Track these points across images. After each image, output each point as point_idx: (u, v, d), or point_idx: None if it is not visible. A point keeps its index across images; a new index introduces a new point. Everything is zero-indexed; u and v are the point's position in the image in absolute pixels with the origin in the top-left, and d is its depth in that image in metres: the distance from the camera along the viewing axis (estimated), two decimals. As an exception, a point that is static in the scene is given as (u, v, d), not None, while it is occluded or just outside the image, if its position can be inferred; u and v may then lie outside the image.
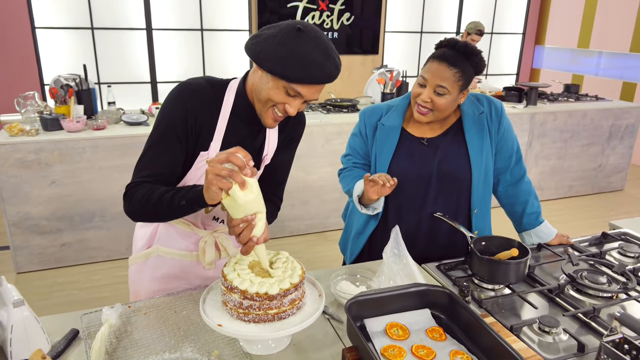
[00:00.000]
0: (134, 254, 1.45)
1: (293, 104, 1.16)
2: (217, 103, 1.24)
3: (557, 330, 1.17)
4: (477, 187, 1.58)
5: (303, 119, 1.42)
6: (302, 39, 1.09)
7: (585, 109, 4.49)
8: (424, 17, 6.51)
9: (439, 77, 1.45)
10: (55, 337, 1.16)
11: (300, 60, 1.08)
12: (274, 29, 1.13)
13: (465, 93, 1.53)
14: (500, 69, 7.27)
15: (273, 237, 3.77)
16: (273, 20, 5.70)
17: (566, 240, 1.67)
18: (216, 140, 1.24)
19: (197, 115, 1.21)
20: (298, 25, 1.11)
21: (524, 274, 1.38)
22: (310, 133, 3.60)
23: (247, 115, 1.25)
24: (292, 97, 1.15)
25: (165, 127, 1.21)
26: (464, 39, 4.91)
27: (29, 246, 3.14)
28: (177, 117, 1.20)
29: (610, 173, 4.83)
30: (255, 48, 1.12)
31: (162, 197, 1.14)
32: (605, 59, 6.20)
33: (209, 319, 1.07)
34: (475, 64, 1.48)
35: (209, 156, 1.23)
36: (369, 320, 1.13)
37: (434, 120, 1.54)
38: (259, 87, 1.18)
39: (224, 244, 1.41)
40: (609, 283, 1.38)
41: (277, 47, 1.09)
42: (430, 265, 1.53)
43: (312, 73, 1.09)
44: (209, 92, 1.24)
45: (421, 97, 1.49)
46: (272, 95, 1.15)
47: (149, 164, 1.21)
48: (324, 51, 1.11)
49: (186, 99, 1.21)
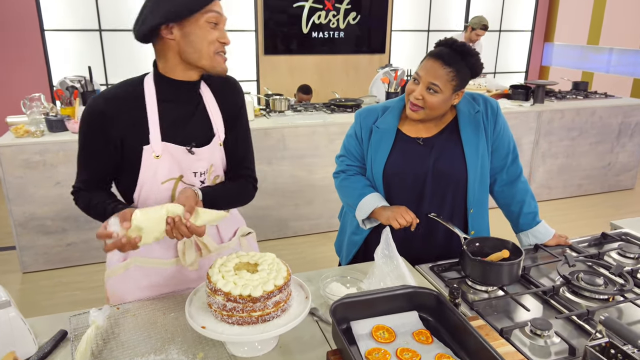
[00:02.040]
0: (111, 268, 1.41)
1: (223, 32, 1.23)
2: (138, 99, 1.25)
3: (549, 333, 1.15)
4: (472, 186, 1.56)
5: (235, 82, 1.43)
6: None
7: (594, 106, 4.42)
8: (431, 16, 6.46)
9: (432, 75, 1.44)
10: (44, 338, 1.16)
11: None
12: (146, 2, 1.19)
13: (460, 94, 1.51)
14: (508, 67, 7.19)
15: (277, 238, 3.77)
16: (279, 20, 5.70)
17: (564, 241, 1.64)
18: (153, 131, 1.24)
19: (118, 120, 1.22)
20: None
21: (517, 275, 1.35)
22: (313, 133, 3.60)
23: (175, 96, 1.27)
24: (216, 24, 1.21)
25: (87, 147, 1.26)
26: (468, 34, 4.86)
27: (34, 246, 3.17)
28: (96, 135, 1.23)
29: (619, 171, 4.75)
30: (156, 17, 1.16)
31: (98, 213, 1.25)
32: (616, 55, 6.10)
33: (194, 321, 1.07)
34: (471, 65, 1.46)
35: (154, 150, 1.24)
36: (356, 323, 1.12)
37: (425, 119, 1.53)
38: (190, 48, 1.20)
39: (204, 241, 1.39)
40: (605, 285, 1.35)
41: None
42: (424, 266, 1.51)
43: None
44: (123, 94, 1.25)
45: (413, 94, 1.48)
46: (206, 37, 1.20)
47: (82, 172, 1.30)
48: None
49: (100, 114, 1.22)
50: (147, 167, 1.25)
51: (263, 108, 3.98)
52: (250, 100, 3.62)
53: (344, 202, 1.70)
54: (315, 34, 5.94)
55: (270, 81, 5.90)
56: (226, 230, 1.47)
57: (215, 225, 1.43)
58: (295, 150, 3.59)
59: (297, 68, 6.03)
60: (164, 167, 1.26)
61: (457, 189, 1.56)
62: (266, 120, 3.67)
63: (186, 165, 1.28)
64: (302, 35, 5.89)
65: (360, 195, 1.59)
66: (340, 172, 1.71)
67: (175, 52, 1.21)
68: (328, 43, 6.05)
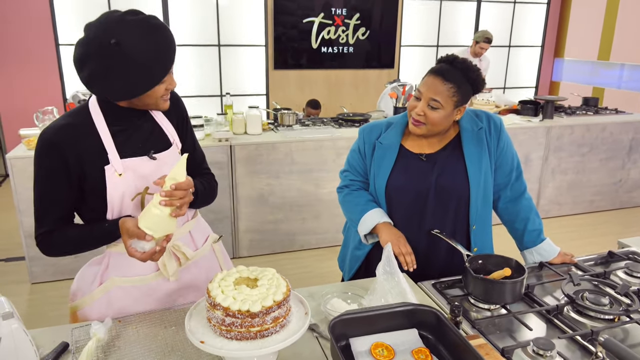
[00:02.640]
0: (86, 295, 1.39)
1: (170, 82, 1.26)
2: (88, 125, 1.26)
3: (552, 353, 1.13)
4: (475, 202, 1.55)
5: (175, 94, 1.45)
6: (129, 44, 1.12)
7: (604, 122, 4.39)
8: (440, 31, 6.50)
9: (432, 91, 1.45)
10: (46, 349, 1.17)
11: (152, 62, 1.17)
12: (95, 61, 1.14)
13: (462, 110, 1.52)
14: (518, 82, 7.19)
15: (284, 251, 3.77)
16: (289, 35, 5.77)
17: (569, 259, 1.63)
18: (111, 152, 1.26)
19: (74, 147, 1.22)
20: (107, 41, 1.12)
21: (520, 293, 1.34)
22: (321, 147, 3.61)
23: (123, 117, 1.29)
24: (164, 82, 1.24)
25: (47, 178, 1.25)
26: (473, 48, 4.90)
27: (43, 257, 3.14)
28: (54, 163, 1.22)
29: (631, 188, 4.69)
30: (109, 93, 1.20)
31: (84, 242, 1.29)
32: (627, 71, 6.07)
33: (193, 335, 1.07)
34: (472, 81, 1.47)
35: (115, 168, 1.26)
36: (355, 340, 1.11)
37: (428, 134, 1.53)
38: (139, 103, 1.25)
39: (181, 250, 1.40)
40: (611, 305, 1.33)
41: (128, 78, 1.16)
42: (427, 283, 1.50)
43: (166, 57, 1.19)
44: (73, 122, 1.25)
45: (415, 110, 1.50)
46: (156, 95, 1.24)
47: (45, 212, 1.28)
48: (149, 29, 1.15)
49: (55, 142, 1.21)
50: (112, 187, 1.26)
51: (271, 122, 4.01)
52: (258, 114, 3.66)
53: (347, 216, 1.71)
54: (325, 49, 6.01)
55: (279, 95, 5.96)
56: (198, 237, 1.50)
57: (189, 233, 1.46)
58: (303, 165, 3.61)
59: (307, 83, 6.08)
60: (129, 184, 1.27)
61: (460, 205, 1.56)
62: (274, 134, 3.69)
63: (151, 175, 1.29)
64: (311, 50, 5.96)
65: (363, 210, 1.59)
66: (344, 187, 1.71)
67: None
68: (337, 58, 6.10)
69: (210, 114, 3.90)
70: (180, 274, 1.43)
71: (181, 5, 5.39)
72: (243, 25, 5.66)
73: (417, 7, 6.31)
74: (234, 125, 3.63)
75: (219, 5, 5.52)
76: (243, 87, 5.92)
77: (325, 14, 5.86)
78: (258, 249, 3.70)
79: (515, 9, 6.75)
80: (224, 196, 3.47)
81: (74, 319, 1.42)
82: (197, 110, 4.28)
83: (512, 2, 6.70)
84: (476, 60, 5.00)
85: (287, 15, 5.73)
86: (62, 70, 5.23)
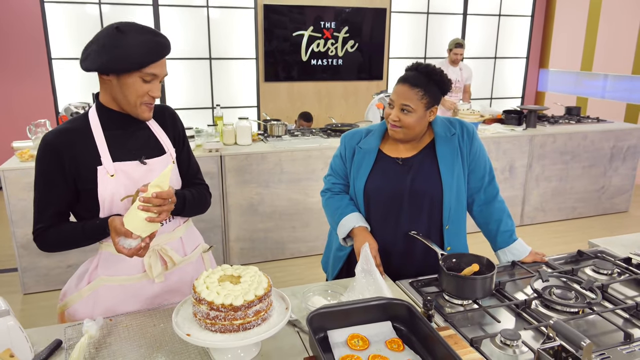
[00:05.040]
0: (73, 294, 1.47)
1: (155, 88, 1.34)
2: (86, 131, 1.37)
3: (518, 343, 1.21)
4: (448, 203, 1.64)
5: (172, 110, 1.55)
6: (127, 33, 1.27)
7: (586, 130, 4.51)
8: (427, 43, 6.65)
9: (403, 97, 1.57)
10: (40, 347, 1.23)
11: (139, 48, 1.26)
12: (96, 42, 1.29)
13: (434, 110, 1.62)
14: (505, 93, 7.34)
15: (274, 260, 3.83)
16: (280, 48, 5.90)
17: (540, 258, 1.71)
18: (104, 155, 1.35)
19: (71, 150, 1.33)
20: (115, 26, 1.28)
21: (490, 289, 1.42)
22: (309, 157, 3.70)
23: (118, 123, 1.39)
24: (149, 82, 1.32)
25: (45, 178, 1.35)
26: (449, 57, 5.13)
27: (36, 267, 3.25)
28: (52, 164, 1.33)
29: (613, 195, 4.81)
30: (96, 62, 1.28)
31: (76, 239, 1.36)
32: (610, 81, 6.23)
33: (179, 329, 1.14)
34: (437, 82, 1.59)
35: (107, 170, 1.35)
36: (332, 332, 1.18)
37: (405, 138, 1.64)
38: (120, 94, 1.33)
39: (168, 254, 1.48)
40: (576, 299, 1.41)
41: (114, 51, 1.26)
42: (405, 282, 1.58)
43: (154, 50, 1.28)
44: (72, 127, 1.36)
45: (390, 117, 1.61)
46: (136, 91, 1.31)
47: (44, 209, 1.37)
48: (149, 32, 1.30)
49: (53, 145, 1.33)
50: (104, 187, 1.35)
51: (261, 133, 4.10)
52: (248, 125, 3.74)
53: (328, 219, 1.79)
54: (315, 62, 6.12)
55: (270, 107, 6.06)
56: (189, 244, 1.58)
57: (179, 239, 1.53)
58: (292, 174, 3.69)
59: (297, 95, 6.19)
60: (120, 185, 1.36)
61: (433, 206, 1.65)
62: (264, 144, 3.77)
63: (141, 179, 1.38)
64: (301, 63, 6.07)
65: (342, 214, 1.69)
66: (327, 190, 1.82)
67: (110, 90, 1.35)
68: (327, 70, 6.22)
69: (202, 126, 3.98)
70: (167, 277, 1.50)
71: (173, 19, 5.50)
72: (234, 38, 5.77)
73: (405, 20, 6.46)
74: (224, 136, 3.71)
75: (210, 19, 5.63)
76: (234, 99, 6.01)
77: (315, 27, 5.99)
78: (249, 258, 3.76)
79: (500, 21, 6.93)
80: (215, 205, 3.53)
81: (61, 319, 1.50)
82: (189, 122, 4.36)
83: (497, 15, 6.88)
84: (456, 69, 5.15)
85: (278, 29, 5.85)
86: (54, 84, 5.30)
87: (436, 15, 6.58)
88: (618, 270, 1.65)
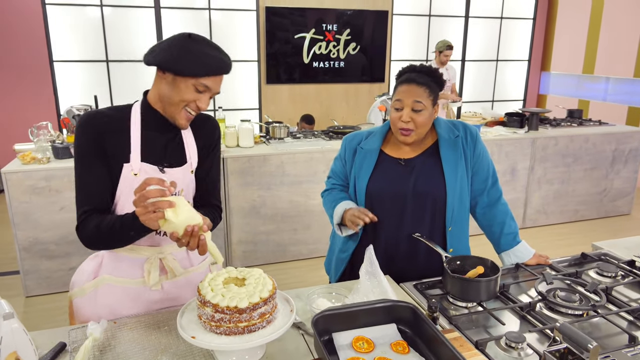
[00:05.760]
0: (79, 287, 1.48)
1: (203, 99, 1.33)
2: (124, 122, 1.37)
3: (523, 345, 1.20)
4: (451, 205, 1.64)
5: (215, 123, 1.55)
6: (197, 42, 1.31)
7: (587, 133, 4.51)
8: (429, 46, 6.65)
9: (413, 95, 1.57)
10: (44, 350, 1.23)
11: (199, 55, 1.28)
12: (165, 42, 1.32)
13: (437, 108, 1.64)
14: (507, 95, 7.34)
15: (276, 262, 3.83)
16: (282, 50, 5.91)
17: (544, 260, 1.71)
18: (134, 152, 1.35)
19: (107, 135, 1.33)
20: (188, 33, 1.31)
21: (494, 291, 1.42)
22: (311, 159, 3.70)
23: (157, 124, 1.39)
24: (201, 92, 1.32)
25: (81, 157, 1.34)
26: (438, 58, 5.10)
27: (38, 270, 3.24)
28: (89, 143, 1.32)
29: (615, 197, 4.80)
30: (157, 57, 1.28)
31: (111, 228, 1.28)
32: (612, 84, 6.23)
33: (184, 332, 1.13)
34: (436, 79, 1.61)
35: (132, 168, 1.34)
36: (337, 334, 1.18)
37: (417, 139, 1.64)
38: (168, 93, 1.32)
39: (170, 265, 1.47)
40: (580, 301, 1.41)
41: (176, 50, 1.27)
42: (409, 284, 1.57)
43: (216, 65, 1.30)
44: (113, 115, 1.36)
45: (402, 119, 1.59)
46: (184, 95, 1.31)
47: (86, 198, 1.34)
48: (215, 47, 1.33)
49: (92, 125, 1.33)
50: (125, 184, 1.35)
51: (263, 135, 4.10)
52: (250, 128, 3.74)
53: (327, 213, 1.79)
54: (316, 64, 6.13)
55: (272, 109, 6.06)
56: (196, 256, 1.57)
57: (185, 251, 1.52)
58: (294, 177, 3.69)
59: (299, 97, 6.20)
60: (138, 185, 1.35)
61: (436, 208, 1.64)
62: (266, 147, 3.78)
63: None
64: (303, 65, 6.08)
65: (337, 204, 1.71)
66: (327, 191, 1.82)
67: (161, 88, 1.34)
68: (329, 72, 6.23)
69: (203, 128, 3.98)
70: (168, 286, 1.49)
71: (174, 21, 5.51)
72: (237, 41, 5.78)
73: (407, 22, 6.47)
74: (227, 138, 3.71)
75: (212, 21, 5.64)
76: (236, 101, 6.02)
77: (317, 29, 6.00)
78: (251, 260, 3.76)
79: (502, 24, 6.93)
80: (217, 208, 3.53)
81: (70, 307, 1.53)
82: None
83: (499, 18, 6.89)
84: (442, 69, 5.16)
85: (280, 31, 5.86)
86: (56, 86, 5.31)
87: (438, 17, 6.58)
88: (622, 273, 1.65)
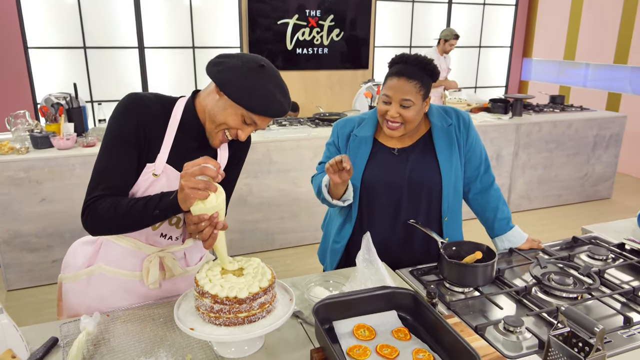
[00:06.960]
0: (71, 272, 1.44)
1: (246, 131, 1.28)
2: (165, 118, 1.30)
3: (521, 329, 1.21)
4: (447, 195, 1.63)
5: (249, 139, 1.48)
6: (265, 75, 1.22)
7: (570, 119, 4.57)
8: (413, 32, 6.64)
9: (402, 92, 1.52)
10: (35, 345, 1.19)
11: (264, 94, 1.21)
12: (237, 59, 1.23)
13: (428, 101, 1.60)
14: (489, 82, 7.39)
15: (264, 250, 3.80)
16: (264, 37, 5.82)
17: (537, 245, 1.72)
18: (163, 152, 1.29)
19: (147, 127, 1.26)
20: (261, 63, 1.23)
21: (491, 276, 1.42)
22: (298, 147, 3.67)
23: (194, 131, 1.32)
24: (247, 124, 1.26)
25: (118, 138, 1.25)
26: (441, 46, 5.03)
27: (19, 263, 3.16)
28: (129, 127, 1.24)
29: (597, 182, 4.90)
30: (221, 75, 1.22)
31: (132, 207, 1.19)
32: (592, 70, 6.31)
33: (182, 324, 1.11)
34: (430, 72, 1.56)
35: (155, 168, 1.28)
36: (338, 322, 1.17)
37: (405, 133, 1.60)
38: (214, 110, 1.26)
39: (169, 265, 1.43)
40: (574, 284, 1.43)
41: (243, 79, 1.20)
42: (404, 270, 1.57)
43: (273, 108, 1.23)
44: (157, 106, 1.29)
45: (389, 114, 1.55)
46: (228, 120, 1.25)
47: (106, 177, 1.24)
48: (282, 89, 1.26)
49: (137, 110, 1.26)
50: (143, 181, 1.28)
51: (248, 123, 4.05)
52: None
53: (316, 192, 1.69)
54: (300, 50, 6.06)
55: (255, 97, 5.98)
56: (192, 256, 1.54)
57: (182, 252, 1.49)
58: (281, 164, 3.66)
59: (282, 84, 6.12)
60: (158, 185, 1.29)
61: (432, 198, 1.64)
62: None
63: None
64: (286, 52, 6.01)
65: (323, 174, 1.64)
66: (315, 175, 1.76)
67: (211, 102, 1.27)
68: (312, 59, 6.17)
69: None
70: (165, 284, 1.46)
71: (153, 7, 5.37)
72: (218, 27, 5.67)
73: (390, 8, 6.44)
74: (212, 127, 3.65)
75: (192, 7, 5.52)
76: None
77: (300, 15, 5.92)
78: (238, 249, 3.73)
79: (485, 10, 6.95)
80: (203, 197, 3.48)
81: (59, 289, 1.48)
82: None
83: (481, 4, 6.90)
84: (442, 58, 5.13)
85: (262, 18, 5.77)
86: (31, 74, 5.14)
87: (421, 3, 6.56)
88: (612, 256, 1.67)
